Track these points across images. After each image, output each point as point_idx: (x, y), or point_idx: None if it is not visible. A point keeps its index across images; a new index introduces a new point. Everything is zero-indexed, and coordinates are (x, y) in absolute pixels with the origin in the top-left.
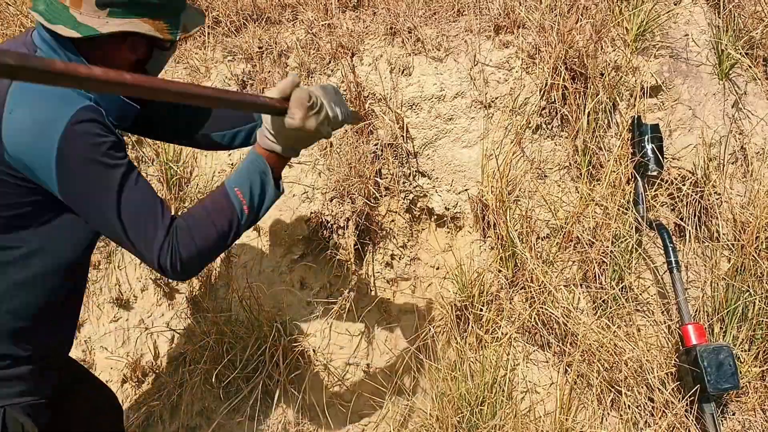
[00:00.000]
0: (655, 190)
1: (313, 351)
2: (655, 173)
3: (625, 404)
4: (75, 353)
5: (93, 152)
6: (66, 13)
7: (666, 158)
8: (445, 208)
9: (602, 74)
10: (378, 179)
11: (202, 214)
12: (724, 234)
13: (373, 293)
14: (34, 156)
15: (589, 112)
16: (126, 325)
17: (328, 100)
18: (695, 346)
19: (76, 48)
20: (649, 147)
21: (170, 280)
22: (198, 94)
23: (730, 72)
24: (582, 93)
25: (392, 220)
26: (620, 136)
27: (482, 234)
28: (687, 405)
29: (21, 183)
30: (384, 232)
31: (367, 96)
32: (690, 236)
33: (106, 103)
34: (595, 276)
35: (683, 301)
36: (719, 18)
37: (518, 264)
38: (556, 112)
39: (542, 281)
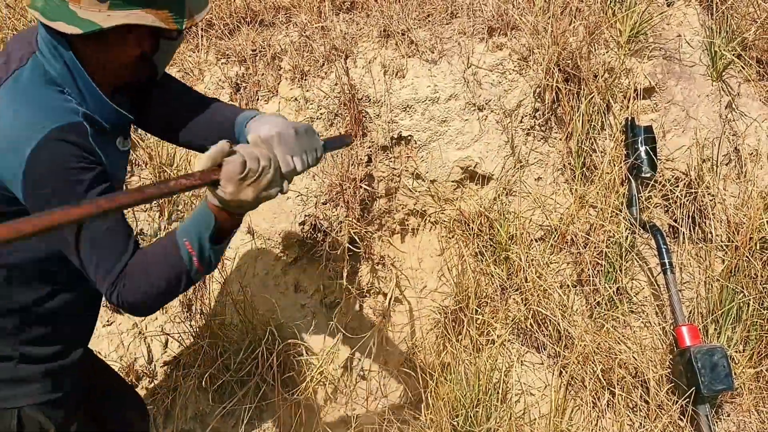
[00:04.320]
0: (648, 192)
1: (307, 354)
2: (648, 175)
3: (619, 406)
4: None
5: (60, 175)
6: (65, 8)
7: (660, 159)
8: (440, 210)
9: (595, 76)
10: (371, 182)
11: (152, 262)
12: (717, 235)
13: (366, 296)
14: (5, 166)
15: (582, 114)
16: (119, 329)
17: (285, 152)
18: (689, 348)
19: (79, 45)
20: (642, 149)
21: None
22: (112, 208)
23: (724, 73)
24: (575, 95)
25: (386, 223)
26: (614, 137)
27: (477, 236)
28: (681, 406)
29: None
30: (377, 235)
31: (361, 98)
32: (684, 237)
33: (101, 114)
34: (589, 278)
35: (677, 303)
36: (712, 19)
37: (512, 266)
38: (550, 114)
39: (537, 283)
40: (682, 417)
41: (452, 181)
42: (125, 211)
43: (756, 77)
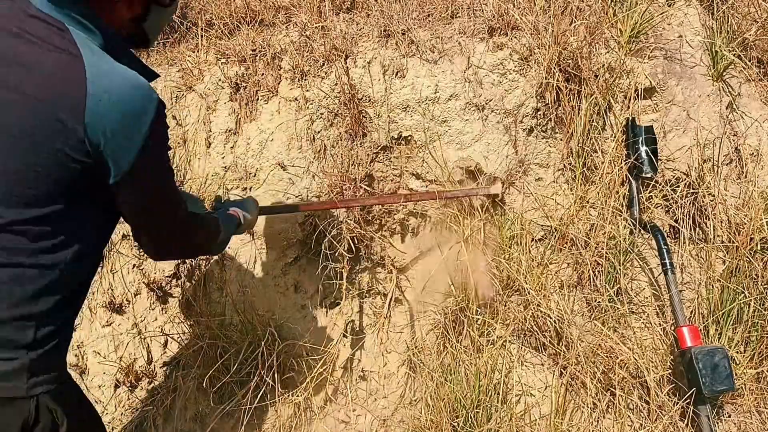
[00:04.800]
0: (649, 192)
1: (307, 355)
2: (649, 175)
3: (620, 407)
4: (68, 358)
5: (166, 146)
6: None
7: (660, 160)
8: (440, 210)
9: (596, 76)
10: (372, 182)
11: None
12: (718, 236)
13: (366, 297)
14: (122, 130)
15: (583, 114)
16: (119, 329)
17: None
18: (690, 348)
19: (66, 7)
20: (643, 149)
21: (164, 284)
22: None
23: (724, 73)
24: (576, 95)
25: (386, 224)
26: (614, 138)
27: (477, 236)
28: (682, 407)
29: (80, 163)
30: (378, 235)
31: (361, 98)
32: (684, 238)
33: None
34: (589, 278)
35: (678, 303)
36: (713, 19)
37: (513, 266)
38: (551, 114)
39: (537, 284)
40: (682, 418)
41: (453, 182)
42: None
43: (757, 77)
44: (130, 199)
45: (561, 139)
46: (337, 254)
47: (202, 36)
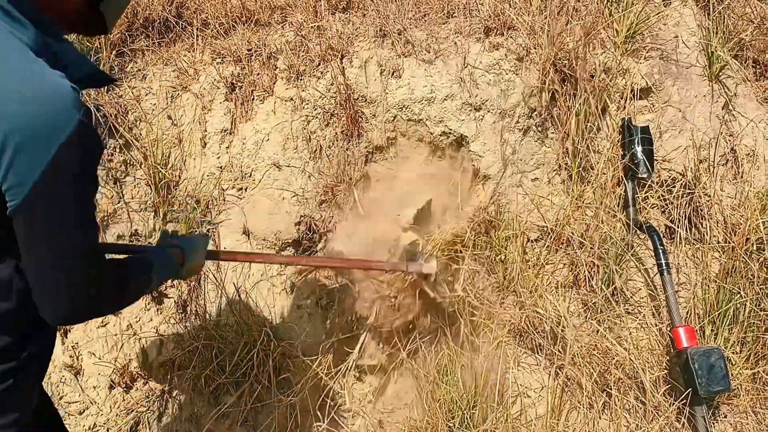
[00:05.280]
0: (645, 192)
1: (303, 355)
2: (644, 176)
3: (616, 407)
4: (63, 359)
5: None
6: None
7: (656, 160)
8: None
9: (592, 76)
10: (368, 182)
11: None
12: (714, 236)
13: (363, 297)
14: (26, 144)
15: (578, 115)
16: (114, 330)
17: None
18: (686, 349)
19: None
20: (638, 149)
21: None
22: None
23: (720, 74)
24: (572, 95)
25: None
26: (610, 138)
27: (473, 236)
28: (678, 408)
29: None
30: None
31: (357, 98)
32: (680, 238)
33: (79, 76)
34: (585, 279)
35: (674, 304)
36: (709, 20)
37: (509, 267)
38: (547, 115)
39: (533, 284)
40: (678, 418)
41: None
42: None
43: (753, 78)
44: (21, 234)
45: (557, 140)
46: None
47: (197, 36)
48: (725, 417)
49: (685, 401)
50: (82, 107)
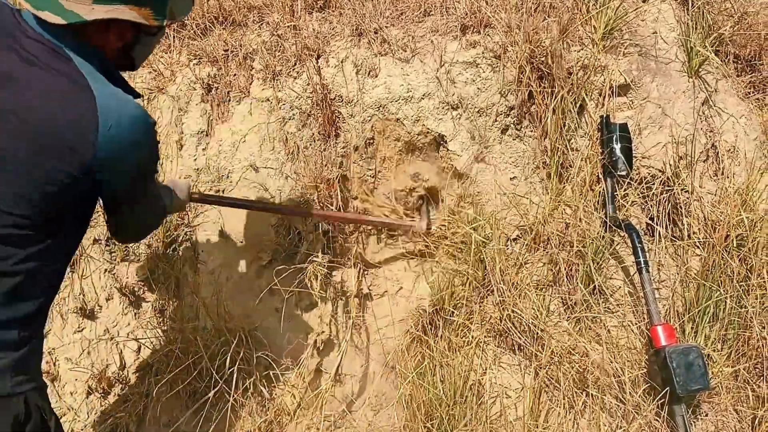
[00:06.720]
0: (625, 190)
1: (282, 358)
2: (624, 173)
3: (595, 407)
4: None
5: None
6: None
7: (636, 157)
8: (415, 209)
9: (570, 73)
10: (346, 183)
11: None
12: (694, 233)
13: (342, 298)
14: (125, 156)
15: (556, 112)
16: (90, 335)
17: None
18: (664, 348)
19: (64, 34)
20: (617, 146)
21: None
22: None
23: (700, 69)
24: (550, 93)
25: (361, 225)
26: (589, 135)
27: (452, 236)
28: (657, 407)
29: (76, 180)
30: (353, 237)
31: (334, 98)
32: (660, 236)
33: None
34: (565, 277)
35: (652, 302)
36: (688, 15)
37: (488, 266)
38: (524, 113)
39: (512, 283)
40: (657, 418)
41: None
42: None
43: (734, 73)
44: (121, 206)
45: (535, 138)
46: (311, 257)
47: (174, 37)
48: (706, 415)
49: (663, 400)
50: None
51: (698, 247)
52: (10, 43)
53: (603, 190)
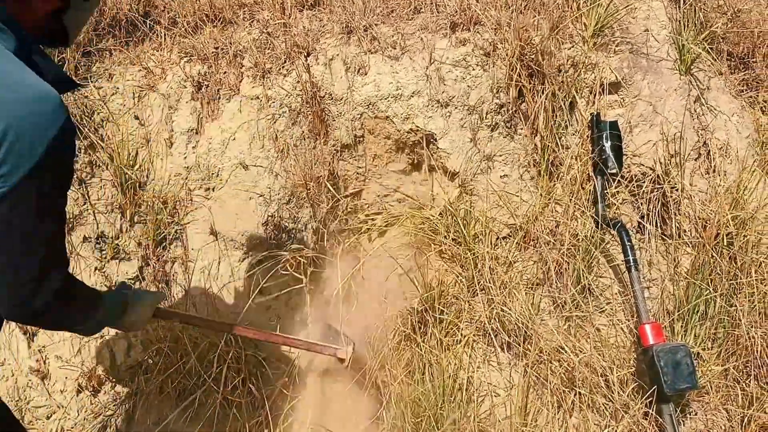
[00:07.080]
0: (616, 188)
1: (273, 358)
2: (613, 171)
3: (583, 406)
4: (29, 363)
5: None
6: None
7: (626, 155)
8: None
9: (560, 71)
10: (336, 181)
11: None
12: (684, 231)
13: (332, 297)
14: (18, 143)
15: (547, 110)
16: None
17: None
18: (652, 346)
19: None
20: (607, 145)
21: None
22: None
23: (692, 67)
24: (540, 91)
25: (351, 223)
26: (579, 133)
27: (442, 235)
28: (645, 406)
29: None
30: (343, 235)
31: (323, 96)
32: (650, 234)
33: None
34: (555, 276)
35: (641, 301)
36: (680, 12)
37: (478, 265)
38: (515, 110)
39: (502, 282)
40: (645, 417)
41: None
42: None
43: (727, 70)
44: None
45: (525, 136)
46: (302, 255)
47: (165, 35)
48: (696, 414)
49: (651, 399)
50: (66, 110)
51: (688, 246)
52: None
53: (593, 188)
